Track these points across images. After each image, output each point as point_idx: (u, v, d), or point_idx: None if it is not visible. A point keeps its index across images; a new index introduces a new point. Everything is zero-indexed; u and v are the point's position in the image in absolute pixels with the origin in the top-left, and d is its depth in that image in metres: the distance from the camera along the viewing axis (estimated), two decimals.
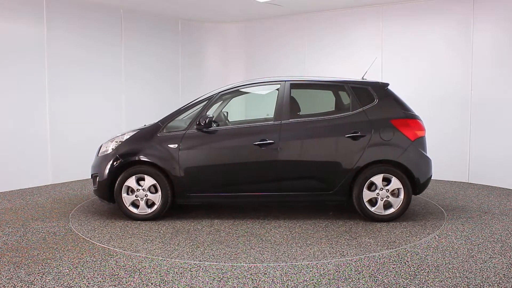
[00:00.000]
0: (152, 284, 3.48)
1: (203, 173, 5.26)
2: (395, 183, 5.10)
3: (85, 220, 5.32)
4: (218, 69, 9.99)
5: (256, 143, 5.16)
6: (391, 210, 5.13)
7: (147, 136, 5.35)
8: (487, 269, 3.75)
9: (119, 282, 3.51)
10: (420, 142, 5.21)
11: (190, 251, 4.27)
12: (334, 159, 5.18)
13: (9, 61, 6.86)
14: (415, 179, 5.14)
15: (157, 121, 5.50)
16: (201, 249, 4.30)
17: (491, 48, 7.08)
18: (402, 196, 5.11)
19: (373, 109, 5.24)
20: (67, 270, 3.75)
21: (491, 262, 3.91)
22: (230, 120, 6.18)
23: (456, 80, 7.42)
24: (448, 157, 7.52)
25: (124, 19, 8.38)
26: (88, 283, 3.49)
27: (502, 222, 5.15)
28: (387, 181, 5.12)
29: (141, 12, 8.64)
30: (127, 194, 5.28)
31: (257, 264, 3.89)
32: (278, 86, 5.45)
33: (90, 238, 4.61)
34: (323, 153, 5.20)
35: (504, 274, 3.63)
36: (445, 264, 3.86)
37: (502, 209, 5.73)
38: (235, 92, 5.80)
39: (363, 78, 5.55)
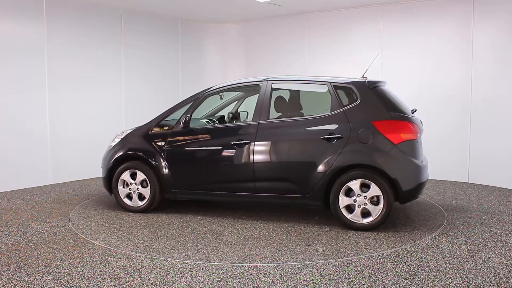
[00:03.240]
0: (152, 284, 3.48)
1: (186, 170, 5.46)
2: (374, 190, 4.71)
3: (85, 220, 5.32)
4: (218, 69, 9.98)
5: (234, 143, 5.18)
6: (370, 219, 4.75)
7: (140, 134, 5.69)
8: (487, 269, 3.75)
9: (119, 282, 3.51)
10: (406, 146, 4.77)
11: (140, 242, 4.49)
12: (308, 161, 4.93)
13: (9, 60, 6.86)
14: (396, 187, 4.72)
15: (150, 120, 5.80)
16: (149, 242, 4.48)
17: (491, 48, 7.08)
18: (381, 204, 4.72)
19: (354, 109, 4.89)
20: (67, 270, 3.75)
21: (491, 262, 3.91)
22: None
23: (456, 80, 7.42)
24: (448, 157, 7.52)
25: (124, 19, 8.38)
26: (88, 283, 3.49)
27: (502, 222, 5.15)
28: (368, 187, 4.75)
29: (141, 12, 8.64)
30: (123, 187, 5.66)
31: (257, 264, 3.90)
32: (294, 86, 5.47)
33: (90, 238, 4.61)
34: (298, 155, 5.03)
35: (504, 274, 3.63)
36: (445, 264, 3.86)
37: (502, 209, 5.72)
38: (248, 91, 5.92)
39: (363, 77, 5.36)
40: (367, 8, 8.16)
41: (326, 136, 4.88)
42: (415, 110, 5.37)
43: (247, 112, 6.17)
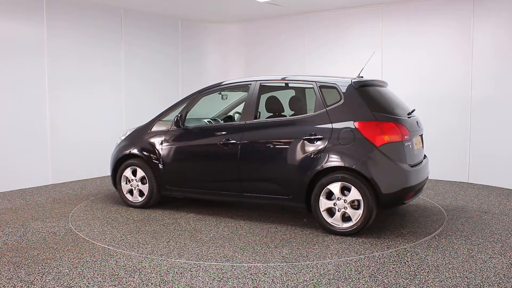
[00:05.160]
0: (152, 284, 3.48)
1: (179, 168, 5.62)
2: (354, 194, 4.52)
3: (85, 220, 5.32)
4: (218, 69, 9.98)
5: (221, 142, 5.23)
6: (350, 224, 4.56)
7: (140, 132, 5.94)
8: (487, 269, 3.75)
9: (119, 282, 3.51)
10: (390, 149, 4.53)
11: (119, 236, 4.72)
12: (289, 162, 4.84)
13: (9, 60, 6.86)
14: (376, 191, 4.49)
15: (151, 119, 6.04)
16: (126, 236, 4.68)
17: (491, 48, 7.08)
18: (362, 208, 4.52)
19: (337, 109, 4.72)
20: (67, 270, 3.75)
21: (491, 262, 3.91)
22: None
23: (456, 79, 7.42)
24: (448, 157, 7.52)
25: (124, 19, 8.38)
26: (88, 283, 3.49)
27: (502, 222, 5.15)
28: (350, 190, 4.58)
29: (141, 12, 8.64)
30: (125, 183, 5.94)
31: (257, 264, 3.90)
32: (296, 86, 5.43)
33: (90, 238, 4.61)
34: (280, 156, 4.94)
35: (504, 274, 3.63)
36: (445, 264, 3.86)
37: (502, 209, 5.72)
38: (246, 90, 5.91)
39: (359, 75, 5.28)
40: (367, 8, 8.16)
41: (307, 137, 4.77)
42: (413, 111, 5.23)
43: (260, 112, 6.19)
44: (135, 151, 5.82)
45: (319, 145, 4.70)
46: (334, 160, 4.61)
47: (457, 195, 6.51)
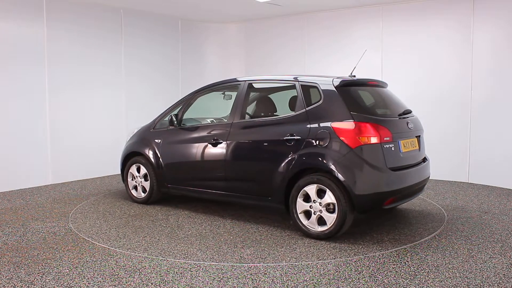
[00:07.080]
0: (152, 284, 3.48)
1: (174, 166, 5.75)
2: (328, 197, 4.39)
3: (85, 220, 5.32)
4: (218, 68, 9.98)
5: (210, 142, 5.31)
6: (325, 227, 4.43)
7: (144, 131, 6.16)
8: (487, 269, 3.75)
9: (119, 282, 3.51)
10: (366, 150, 4.32)
11: (105, 229, 4.96)
12: (269, 163, 4.80)
13: (9, 60, 6.86)
14: (349, 193, 4.32)
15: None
16: (111, 231, 4.86)
17: (491, 48, 7.08)
18: (336, 212, 4.38)
19: (316, 110, 4.61)
20: (67, 270, 3.75)
21: (491, 262, 3.91)
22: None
23: (456, 80, 7.42)
24: (448, 157, 7.52)
25: (124, 19, 8.37)
26: (88, 283, 3.49)
27: (502, 222, 5.14)
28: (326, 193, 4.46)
29: (141, 12, 8.64)
30: (131, 179, 6.20)
31: (257, 264, 3.90)
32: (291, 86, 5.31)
33: (90, 238, 4.61)
34: (262, 156, 4.93)
35: (504, 274, 3.63)
36: (445, 264, 3.86)
37: (502, 209, 5.72)
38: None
39: (351, 74, 5.18)
40: (367, 8, 8.16)
41: (286, 138, 4.69)
42: (409, 112, 5.08)
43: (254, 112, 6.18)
44: (138, 149, 6.03)
45: (297, 146, 4.61)
46: (309, 162, 4.53)
47: (457, 195, 6.51)
